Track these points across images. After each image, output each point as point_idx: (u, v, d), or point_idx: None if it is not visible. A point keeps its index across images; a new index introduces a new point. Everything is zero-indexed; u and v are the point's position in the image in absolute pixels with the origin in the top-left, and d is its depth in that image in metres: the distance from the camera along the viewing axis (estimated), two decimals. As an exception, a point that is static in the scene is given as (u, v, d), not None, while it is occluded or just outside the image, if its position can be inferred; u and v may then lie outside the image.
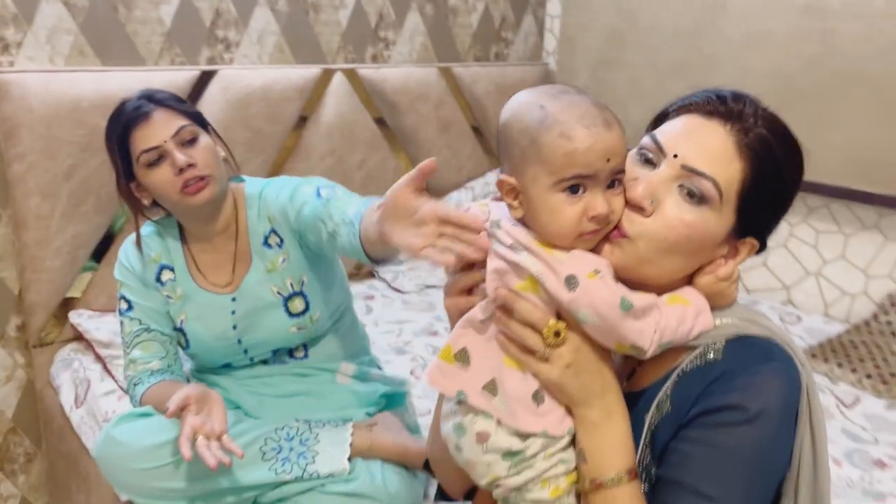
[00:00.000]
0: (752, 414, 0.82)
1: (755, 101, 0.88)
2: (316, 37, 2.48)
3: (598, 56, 2.81)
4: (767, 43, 2.34)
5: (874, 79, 2.13)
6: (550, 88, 0.87)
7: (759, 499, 0.85)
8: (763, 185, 0.86)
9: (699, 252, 0.88)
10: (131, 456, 1.33)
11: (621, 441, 0.87)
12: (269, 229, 1.48)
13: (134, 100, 1.43)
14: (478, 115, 2.90)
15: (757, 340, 0.87)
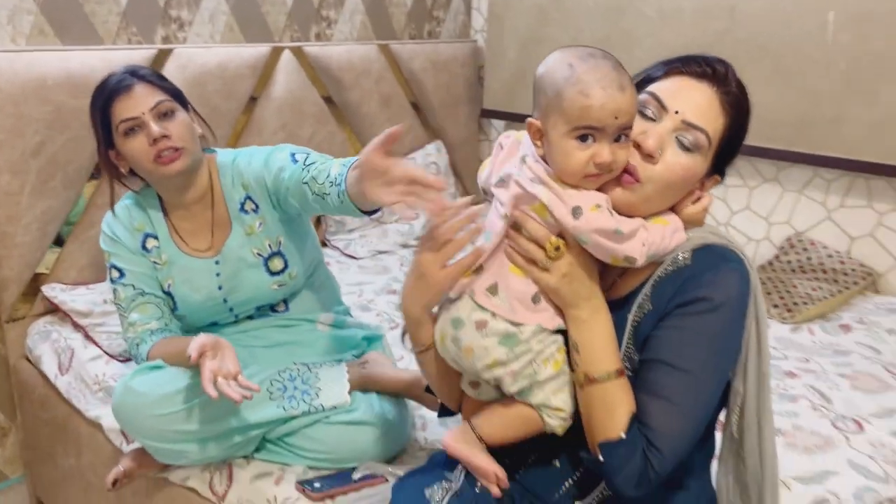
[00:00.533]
0: (717, 303, 1.04)
1: (731, 66, 1.10)
2: (263, 16, 2.58)
3: (526, 33, 3.02)
4: (680, 19, 2.61)
5: (772, 49, 2.44)
6: (582, 50, 1.04)
7: (720, 374, 1.09)
8: (735, 135, 1.09)
9: (684, 189, 1.10)
10: (149, 404, 1.44)
11: (607, 335, 1.08)
12: (245, 196, 1.60)
13: (119, 73, 1.53)
14: (415, 91, 3.07)
15: (717, 247, 1.09)
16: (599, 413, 1.07)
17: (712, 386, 1.08)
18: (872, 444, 1.64)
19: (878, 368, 1.99)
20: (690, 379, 1.05)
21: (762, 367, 1.14)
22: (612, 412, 1.06)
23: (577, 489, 1.18)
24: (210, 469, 1.55)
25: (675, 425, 1.05)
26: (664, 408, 1.05)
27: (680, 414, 1.05)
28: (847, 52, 2.32)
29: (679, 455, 1.06)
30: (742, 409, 1.15)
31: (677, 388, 1.05)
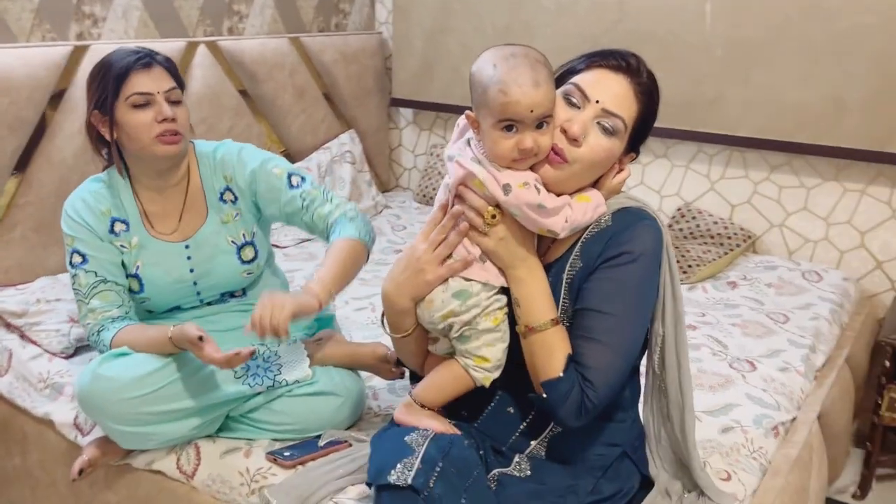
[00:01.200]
0: (636, 255, 1.24)
1: (641, 58, 1.28)
2: (176, 11, 2.60)
3: (431, 24, 3.16)
4: (575, 11, 2.83)
5: (658, 37, 2.69)
6: (507, 50, 1.20)
7: (641, 316, 1.29)
8: (647, 119, 1.28)
9: (606, 167, 1.28)
10: (120, 388, 1.48)
11: (542, 290, 1.27)
12: (225, 187, 1.68)
13: (138, 50, 1.59)
14: (327, 82, 3.15)
15: (633, 209, 1.29)
16: (540, 358, 1.25)
17: (635, 326, 1.28)
18: (764, 379, 1.91)
19: (762, 317, 2.27)
20: (616, 321, 1.24)
21: (677, 310, 1.34)
22: (550, 356, 1.24)
23: (529, 431, 1.36)
24: (176, 450, 1.61)
25: (604, 361, 1.24)
26: (595, 348, 1.24)
27: (608, 351, 1.24)
28: (723, 39, 2.60)
29: (611, 387, 1.25)
30: (662, 348, 1.35)
31: (605, 330, 1.24)
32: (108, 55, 1.58)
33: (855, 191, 2.60)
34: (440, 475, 1.15)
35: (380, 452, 1.25)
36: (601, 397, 1.23)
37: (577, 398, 1.22)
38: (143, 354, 1.53)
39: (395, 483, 1.14)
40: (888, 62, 2.37)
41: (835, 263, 2.68)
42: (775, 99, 2.56)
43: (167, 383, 1.50)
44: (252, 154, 1.69)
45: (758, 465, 1.59)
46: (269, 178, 1.66)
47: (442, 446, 1.21)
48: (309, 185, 1.67)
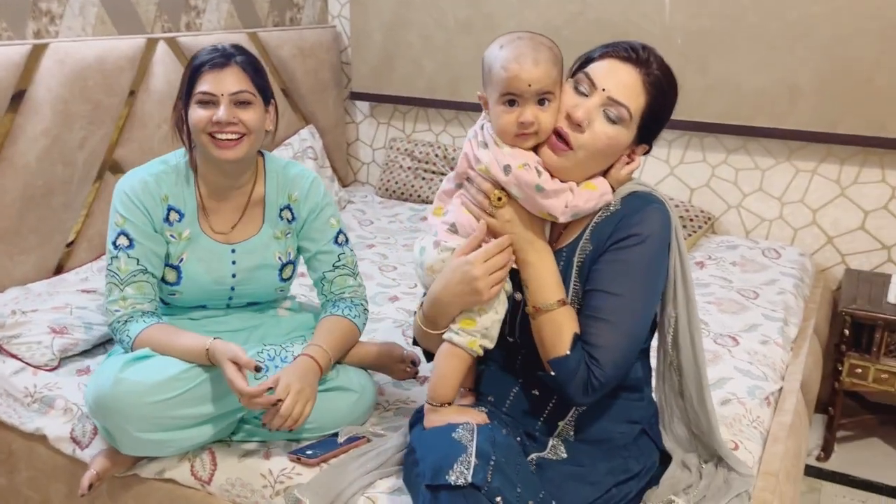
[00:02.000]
0: (644, 237, 1.27)
1: (655, 51, 1.30)
2: (133, 6, 2.51)
3: (390, 17, 3.15)
4: (537, 2, 2.87)
5: (619, 28, 2.77)
6: (514, 34, 1.29)
7: (649, 297, 1.32)
8: (656, 111, 1.29)
9: (613, 156, 1.31)
10: (145, 391, 1.45)
11: (550, 273, 1.31)
12: (286, 205, 1.69)
13: (222, 49, 1.58)
14: (285, 78, 3.11)
15: (642, 193, 1.32)
16: (548, 337, 1.29)
17: (643, 307, 1.31)
18: (748, 352, 2.00)
19: (734, 294, 2.38)
20: (623, 301, 1.28)
21: (688, 292, 1.38)
22: (558, 335, 1.28)
23: (556, 412, 1.39)
24: (188, 457, 1.58)
25: (611, 340, 1.27)
26: (602, 327, 1.28)
27: (615, 330, 1.27)
28: (681, 29, 2.70)
29: (618, 365, 1.28)
30: (676, 330, 1.40)
31: (612, 310, 1.28)
32: (203, 49, 1.60)
33: (807, 171, 2.75)
34: (495, 468, 1.16)
35: (430, 453, 1.23)
36: (608, 376, 1.27)
37: (583, 375, 1.26)
38: (165, 359, 1.50)
39: (455, 483, 1.14)
40: (837, 48, 2.51)
41: (789, 240, 2.83)
42: (733, 85, 2.67)
43: (193, 386, 1.48)
44: (321, 188, 1.73)
45: (758, 434, 1.67)
46: (325, 223, 1.72)
47: (489, 437, 1.23)
48: (348, 250, 1.75)
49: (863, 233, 2.71)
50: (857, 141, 2.57)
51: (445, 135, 3.35)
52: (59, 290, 2.12)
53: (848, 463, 2.54)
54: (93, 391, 1.50)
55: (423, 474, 1.21)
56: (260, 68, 1.62)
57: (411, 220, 3.09)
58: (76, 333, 1.92)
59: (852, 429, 2.67)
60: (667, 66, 1.30)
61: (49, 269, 2.28)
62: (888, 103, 2.48)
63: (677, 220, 1.35)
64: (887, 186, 2.64)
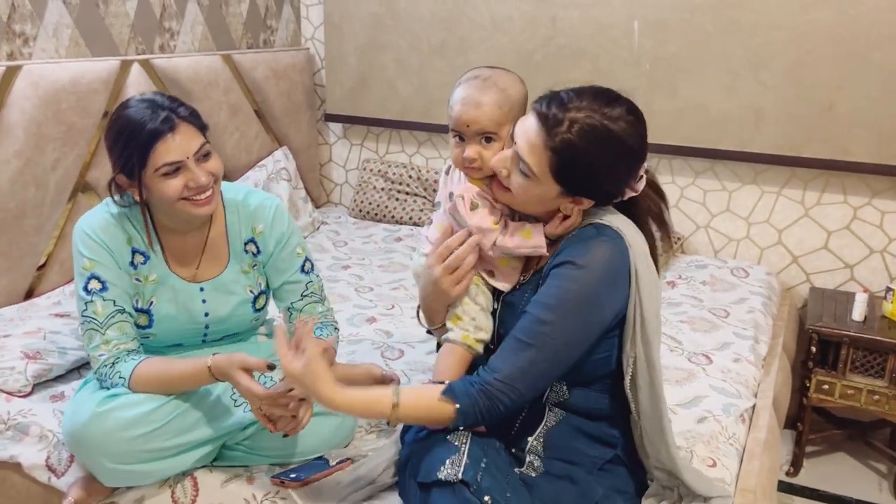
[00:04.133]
0: (580, 265, 1.27)
1: (579, 106, 1.24)
2: (107, 28, 2.50)
3: (365, 40, 3.18)
4: (510, 27, 2.92)
5: (590, 53, 2.83)
6: (475, 72, 1.41)
7: (577, 328, 1.27)
8: (570, 169, 1.26)
9: (544, 203, 1.33)
10: (122, 426, 1.43)
11: (360, 400, 1.31)
12: (250, 238, 1.64)
13: (157, 108, 1.44)
14: (258, 99, 3.11)
15: (599, 226, 1.32)
16: (428, 418, 1.30)
17: (567, 332, 1.27)
18: (721, 370, 2.05)
19: (705, 313, 2.43)
20: (544, 327, 1.26)
21: (647, 333, 1.32)
22: (430, 412, 1.28)
23: (525, 427, 1.42)
24: (169, 484, 1.56)
25: (517, 361, 1.26)
26: (513, 345, 1.28)
27: (531, 351, 1.26)
28: (650, 54, 2.77)
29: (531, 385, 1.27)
30: (634, 369, 1.35)
31: (529, 331, 1.27)
32: (126, 110, 1.45)
33: (772, 192, 2.82)
34: (486, 470, 1.20)
35: (424, 453, 1.27)
36: (518, 395, 1.26)
37: (484, 404, 1.25)
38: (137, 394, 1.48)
39: (445, 479, 1.17)
40: (799, 75, 2.60)
41: (756, 259, 2.90)
42: (700, 109, 2.74)
43: (172, 418, 1.46)
44: (284, 217, 1.68)
45: (734, 451, 1.71)
46: (291, 253, 1.68)
47: (482, 445, 1.27)
48: (315, 277, 1.72)
49: (826, 252, 2.79)
50: (819, 164, 2.65)
51: (419, 156, 3.37)
52: (31, 315, 2.09)
53: (817, 478, 2.60)
54: (69, 426, 1.47)
55: (417, 474, 1.24)
56: (196, 112, 1.52)
57: (385, 240, 3.10)
58: (50, 358, 1.89)
59: (820, 444, 2.74)
60: (594, 128, 1.24)
61: (20, 294, 2.24)
62: (849, 128, 2.57)
63: (638, 259, 1.30)
64: (849, 207, 2.72)
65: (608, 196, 1.34)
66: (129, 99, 1.50)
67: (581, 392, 1.39)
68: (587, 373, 1.36)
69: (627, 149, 1.27)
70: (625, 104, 1.28)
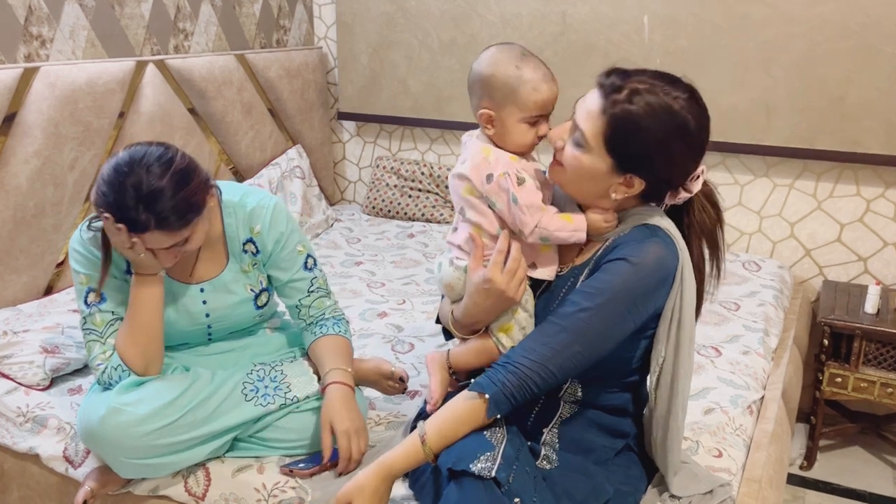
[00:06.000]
0: (633, 262, 1.26)
1: (641, 79, 1.25)
2: (123, 30, 2.54)
3: (376, 38, 3.21)
4: (519, 23, 2.94)
5: (600, 48, 2.84)
6: (516, 50, 1.35)
7: (617, 323, 1.27)
8: (624, 138, 1.24)
9: (594, 179, 1.30)
10: (137, 422, 1.45)
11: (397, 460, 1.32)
12: (248, 238, 1.65)
13: (141, 202, 1.37)
14: (272, 98, 3.15)
15: (652, 226, 1.32)
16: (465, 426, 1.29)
17: (605, 326, 1.27)
18: (730, 363, 2.05)
19: (715, 306, 2.43)
20: (584, 314, 1.26)
21: (680, 338, 1.32)
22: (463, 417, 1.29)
23: (540, 418, 1.43)
24: (182, 474, 1.59)
25: (550, 342, 1.27)
26: (548, 329, 1.29)
27: (560, 332, 1.27)
28: (660, 49, 2.77)
29: (563, 368, 1.27)
30: (661, 369, 1.35)
31: (569, 316, 1.27)
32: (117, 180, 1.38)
33: (784, 186, 2.81)
34: (517, 472, 1.20)
35: (458, 442, 1.28)
36: (550, 376, 1.27)
37: (516, 386, 1.27)
38: (157, 386, 1.52)
39: (478, 473, 1.18)
40: (810, 68, 2.59)
41: (768, 253, 2.89)
42: (710, 103, 2.72)
43: (184, 413, 1.49)
44: (282, 216, 1.67)
45: (742, 441, 1.71)
46: (292, 251, 1.68)
47: (517, 446, 1.28)
48: (318, 272, 1.73)
49: (839, 245, 2.78)
50: (832, 156, 2.64)
51: (431, 153, 3.40)
52: (50, 311, 2.14)
53: (830, 471, 2.59)
54: (84, 423, 1.50)
55: (446, 456, 1.24)
56: (184, 206, 1.40)
57: (398, 237, 3.13)
58: (67, 353, 1.94)
59: (834, 437, 2.73)
60: (654, 100, 1.23)
61: (39, 290, 2.30)
62: (860, 120, 2.55)
63: (687, 260, 1.30)
64: (862, 200, 2.71)
65: (661, 184, 1.30)
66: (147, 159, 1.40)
67: (595, 390, 1.40)
68: (606, 371, 1.37)
69: (685, 130, 1.24)
70: (688, 88, 1.27)
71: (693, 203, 1.36)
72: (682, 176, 1.31)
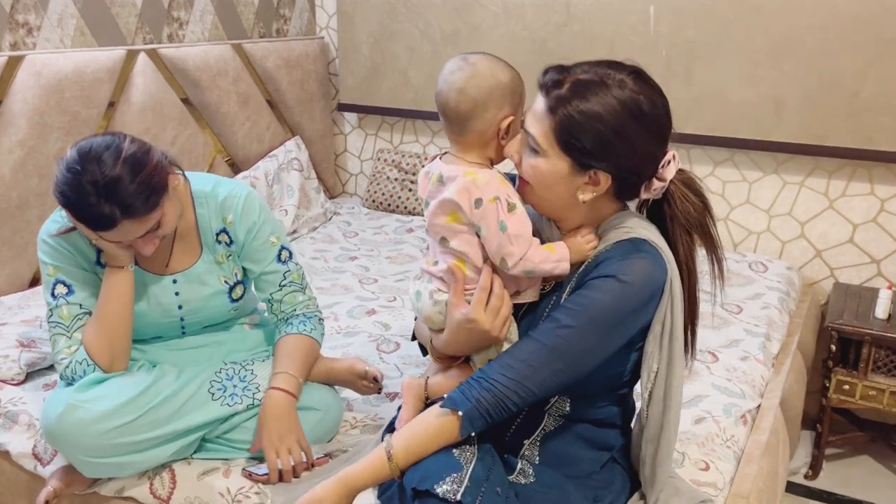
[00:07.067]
0: (622, 280, 1.18)
1: (581, 69, 1.19)
2: (114, 18, 2.50)
3: (378, 29, 3.14)
4: (522, 13, 2.85)
5: (605, 39, 2.74)
6: (486, 54, 1.28)
7: (601, 342, 1.20)
8: (574, 132, 1.16)
9: (559, 184, 1.22)
10: (94, 419, 1.41)
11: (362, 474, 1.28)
12: (222, 228, 1.61)
13: (103, 196, 1.33)
14: (270, 89, 3.09)
15: (636, 241, 1.23)
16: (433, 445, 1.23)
17: (586, 341, 1.20)
18: (727, 369, 1.97)
19: (717, 308, 2.34)
20: (567, 331, 1.19)
21: (673, 351, 1.26)
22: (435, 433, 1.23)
23: (521, 430, 1.36)
24: (148, 475, 1.55)
25: (528, 359, 1.20)
26: (527, 345, 1.22)
27: (539, 350, 1.20)
28: (666, 40, 2.67)
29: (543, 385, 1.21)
30: (654, 384, 1.28)
31: (549, 333, 1.20)
32: (71, 180, 1.33)
33: (794, 183, 2.71)
34: (485, 494, 1.14)
35: (425, 459, 1.22)
36: (528, 394, 1.20)
37: (491, 404, 1.21)
38: (118, 383, 1.47)
39: (442, 496, 1.12)
40: (822, 62, 2.48)
41: (777, 253, 2.79)
42: (718, 97, 2.64)
43: (145, 412, 1.45)
44: (255, 205, 1.63)
45: (732, 453, 1.63)
46: (265, 242, 1.64)
47: (488, 465, 1.21)
48: (293, 266, 1.68)
49: (851, 246, 2.67)
50: (844, 153, 2.53)
51: (433, 146, 3.33)
52: (31, 303, 2.11)
53: (836, 481, 2.49)
54: (44, 418, 1.47)
55: (410, 476, 1.18)
56: (147, 190, 1.36)
57: (397, 231, 3.07)
58: (44, 347, 1.90)
59: (841, 446, 2.62)
60: (597, 87, 1.16)
61: (23, 282, 2.27)
62: (875, 116, 2.44)
63: (675, 275, 1.24)
64: (876, 199, 2.60)
65: (629, 176, 1.22)
66: (102, 151, 1.35)
67: (583, 404, 1.33)
68: (595, 387, 1.30)
69: (637, 111, 1.16)
70: (633, 70, 1.20)
71: (673, 194, 1.27)
72: (648, 162, 1.22)
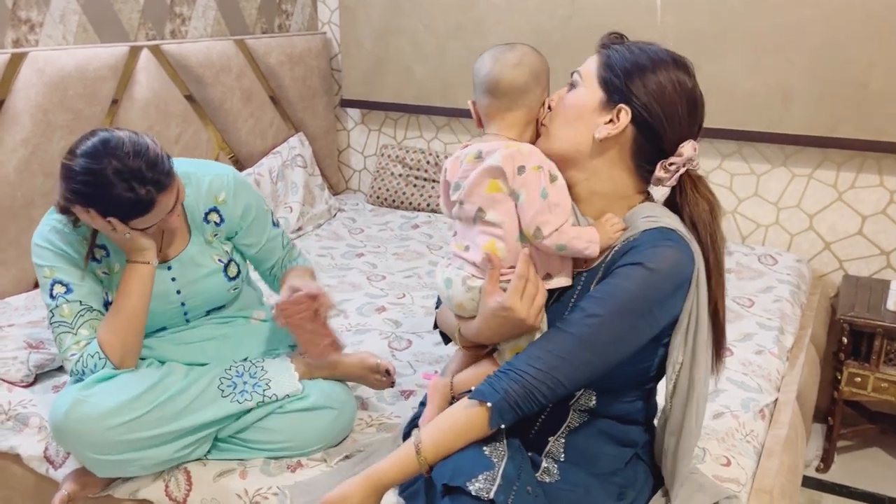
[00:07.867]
0: (649, 268, 1.17)
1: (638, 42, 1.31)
2: (116, 14, 2.47)
3: (380, 24, 3.11)
4: (526, 6, 2.83)
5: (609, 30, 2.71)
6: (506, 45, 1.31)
7: (629, 332, 1.19)
8: (617, 66, 1.25)
9: (580, 119, 1.25)
10: (101, 414, 1.40)
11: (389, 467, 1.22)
12: (212, 207, 1.62)
13: (139, 181, 1.37)
14: (273, 85, 3.07)
15: (664, 229, 1.22)
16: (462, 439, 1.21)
17: (616, 335, 1.19)
18: (743, 363, 1.95)
19: (729, 302, 2.28)
20: (595, 321, 1.18)
21: (697, 342, 1.25)
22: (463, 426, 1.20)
23: (546, 427, 1.34)
24: (163, 476, 1.53)
25: (557, 350, 1.19)
26: (555, 336, 1.20)
27: (568, 340, 1.18)
28: (673, 32, 2.65)
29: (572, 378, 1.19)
30: (678, 375, 1.27)
31: (579, 323, 1.19)
32: (104, 172, 1.35)
33: (803, 175, 2.70)
34: (517, 493, 1.12)
35: (455, 455, 1.20)
36: (558, 385, 1.19)
37: (520, 396, 1.19)
38: (126, 379, 1.46)
39: (475, 494, 1.10)
40: (830, 52, 2.46)
41: (786, 246, 2.78)
42: (726, 89, 2.62)
43: (152, 408, 1.43)
44: (246, 184, 1.68)
45: (752, 448, 1.62)
46: (263, 214, 1.70)
47: (518, 463, 1.20)
48: (283, 228, 1.78)
49: (861, 238, 2.66)
50: (853, 145, 2.52)
51: (437, 141, 3.30)
52: (37, 304, 2.08)
53: (848, 474, 2.49)
54: (52, 416, 1.45)
55: (441, 473, 1.16)
56: (167, 168, 1.42)
57: (402, 227, 3.05)
58: (52, 348, 1.87)
59: (852, 439, 2.62)
60: (654, 51, 1.28)
61: (29, 283, 2.24)
62: (884, 107, 2.43)
63: (702, 265, 1.23)
64: (885, 191, 2.58)
65: (650, 132, 1.24)
66: (107, 146, 1.38)
67: (609, 399, 1.31)
68: (622, 380, 1.29)
69: (678, 78, 1.26)
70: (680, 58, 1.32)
71: (685, 191, 1.29)
72: (672, 122, 1.25)
